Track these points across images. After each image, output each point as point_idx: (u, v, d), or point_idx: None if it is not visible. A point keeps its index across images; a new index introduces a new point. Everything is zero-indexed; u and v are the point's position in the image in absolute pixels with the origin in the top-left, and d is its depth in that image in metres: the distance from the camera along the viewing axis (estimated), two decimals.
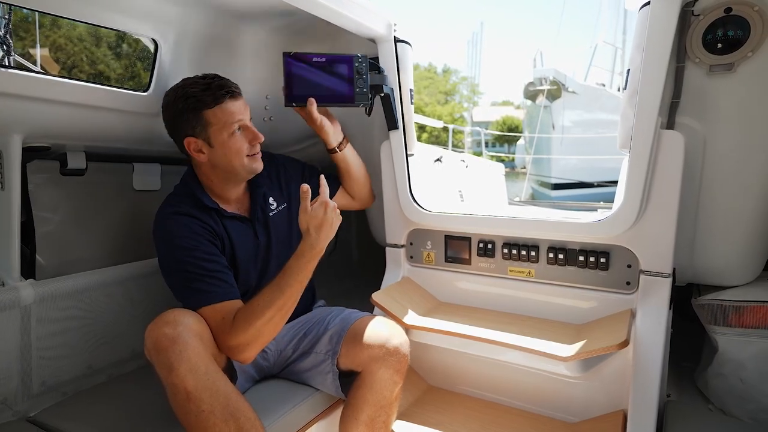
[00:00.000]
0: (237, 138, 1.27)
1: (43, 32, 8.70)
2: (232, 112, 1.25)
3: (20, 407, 1.34)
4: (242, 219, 1.38)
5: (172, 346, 1.04)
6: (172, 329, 1.05)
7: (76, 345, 1.46)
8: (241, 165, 1.30)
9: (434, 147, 2.92)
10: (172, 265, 1.23)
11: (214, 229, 1.29)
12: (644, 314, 1.36)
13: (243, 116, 1.28)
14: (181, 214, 1.26)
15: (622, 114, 1.37)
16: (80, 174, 1.51)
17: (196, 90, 1.24)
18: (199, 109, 1.24)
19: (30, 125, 1.29)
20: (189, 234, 1.24)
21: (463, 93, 37.15)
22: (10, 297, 1.28)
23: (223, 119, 1.25)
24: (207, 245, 1.25)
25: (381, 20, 1.54)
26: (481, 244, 1.64)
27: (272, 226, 1.43)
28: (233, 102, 1.26)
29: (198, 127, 1.25)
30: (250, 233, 1.39)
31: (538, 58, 12.60)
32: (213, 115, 1.24)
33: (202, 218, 1.28)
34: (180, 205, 1.29)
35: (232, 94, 1.26)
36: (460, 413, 1.60)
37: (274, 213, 1.45)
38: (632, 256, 1.40)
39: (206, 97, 1.23)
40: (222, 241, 1.30)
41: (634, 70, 1.30)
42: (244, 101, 1.30)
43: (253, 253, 1.39)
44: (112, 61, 9.00)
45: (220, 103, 1.24)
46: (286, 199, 1.49)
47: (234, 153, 1.27)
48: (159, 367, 1.06)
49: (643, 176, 1.29)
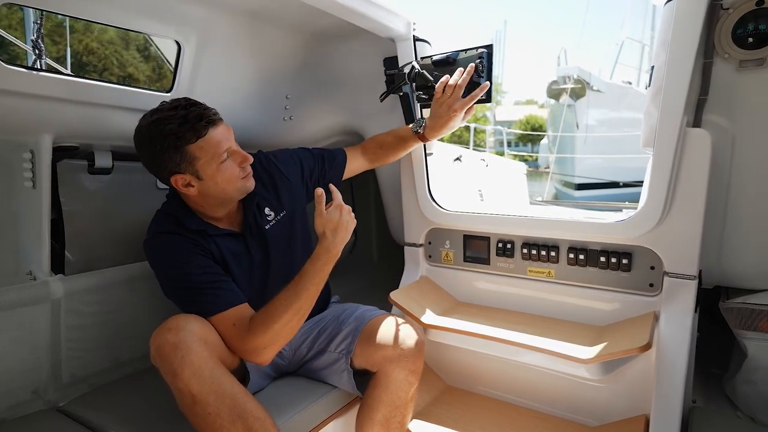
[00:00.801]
0: (227, 166, 1.19)
1: (76, 37, 9.03)
2: (218, 142, 1.16)
3: (51, 397, 1.39)
4: (234, 235, 1.31)
5: (175, 352, 1.04)
6: (173, 335, 1.06)
7: (103, 338, 1.51)
8: (235, 189, 1.23)
9: (454, 146, 2.90)
10: (170, 284, 1.21)
11: (203, 246, 1.23)
12: (668, 317, 1.32)
13: (229, 142, 1.20)
14: (166, 233, 1.23)
15: (646, 112, 1.34)
16: (107, 173, 1.56)
17: (173, 126, 1.12)
18: (181, 146, 1.13)
19: (60, 125, 1.34)
20: (178, 251, 1.20)
21: None
22: (41, 291, 1.33)
23: (210, 151, 1.15)
24: (199, 259, 1.20)
25: (400, 20, 1.54)
26: (501, 244, 1.63)
27: (270, 239, 1.36)
28: (215, 130, 1.16)
29: (183, 164, 1.15)
30: (242, 249, 1.32)
31: (562, 56, 12.38)
32: (198, 149, 1.14)
33: (190, 236, 1.23)
34: (164, 225, 1.24)
35: (212, 123, 1.16)
36: (478, 414, 1.58)
37: (271, 224, 1.37)
38: (656, 257, 1.36)
39: (186, 132, 1.12)
40: (214, 257, 1.25)
41: (659, 67, 1.27)
42: (224, 125, 1.20)
43: (248, 269, 1.33)
44: (141, 64, 9.27)
45: (203, 136, 1.14)
46: (285, 206, 1.41)
47: (226, 181, 1.20)
48: (164, 373, 1.06)
49: (668, 176, 1.26)
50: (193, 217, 1.26)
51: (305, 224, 1.46)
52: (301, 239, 1.45)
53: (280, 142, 1.97)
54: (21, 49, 2.46)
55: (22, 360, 1.33)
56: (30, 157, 1.33)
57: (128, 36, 8.86)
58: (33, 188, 1.34)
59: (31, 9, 1.35)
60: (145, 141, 1.16)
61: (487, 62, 1.41)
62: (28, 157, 1.33)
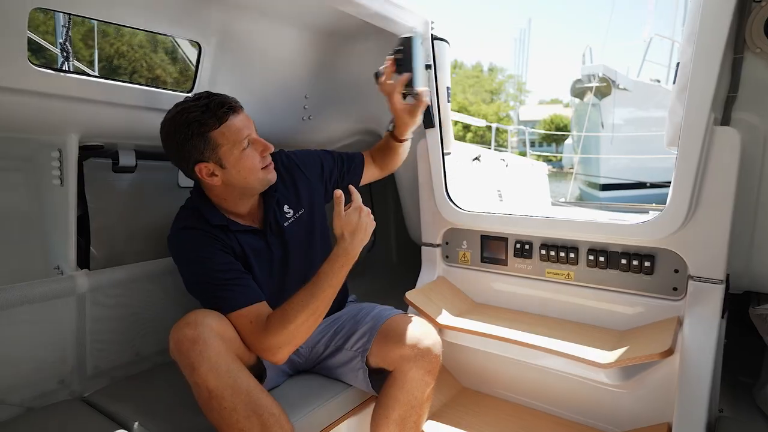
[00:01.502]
0: (248, 153, 1.21)
1: (108, 41, 9.35)
2: (239, 128, 1.19)
3: (76, 388, 1.44)
4: (255, 231, 1.33)
5: (193, 347, 1.06)
6: (192, 330, 1.08)
7: (125, 332, 1.55)
8: (257, 180, 1.25)
9: (473, 146, 2.87)
10: (191, 279, 1.24)
11: (224, 242, 1.25)
12: (693, 322, 1.28)
13: (250, 130, 1.23)
14: (189, 228, 1.25)
15: (671, 110, 1.30)
16: (130, 171, 1.60)
17: (196, 113, 1.16)
18: (205, 132, 1.16)
19: (86, 125, 1.38)
20: (200, 247, 1.22)
21: (510, 92, 36.40)
22: (68, 285, 1.38)
23: (232, 137, 1.18)
24: (220, 255, 1.22)
25: (418, 18, 1.54)
26: (518, 245, 1.60)
27: (288, 237, 1.38)
28: (236, 117, 1.20)
29: (207, 151, 1.18)
30: (263, 246, 1.34)
31: (587, 54, 12.11)
32: (221, 135, 1.17)
33: (212, 232, 1.25)
34: (188, 220, 1.27)
35: (233, 110, 1.20)
36: (493, 417, 1.56)
37: (290, 222, 1.39)
38: (680, 260, 1.32)
39: (209, 118, 1.16)
40: (235, 255, 1.27)
41: (685, 62, 1.23)
42: (245, 114, 1.24)
43: (268, 266, 1.35)
44: (168, 66, 9.52)
45: (225, 121, 1.17)
46: (304, 204, 1.42)
47: (248, 170, 1.22)
48: (182, 367, 1.09)
49: (693, 175, 1.21)
50: (216, 212, 1.28)
51: (324, 224, 1.48)
52: (320, 238, 1.46)
53: (300, 142, 1.98)
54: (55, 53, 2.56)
55: (49, 351, 1.38)
56: (58, 155, 1.38)
57: (156, 39, 9.12)
58: (60, 186, 1.39)
59: (61, 14, 1.40)
60: (171, 132, 1.19)
61: (406, 54, 1.38)
62: (56, 156, 1.38)
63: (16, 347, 1.31)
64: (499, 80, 37.20)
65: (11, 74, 1.12)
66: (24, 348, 1.32)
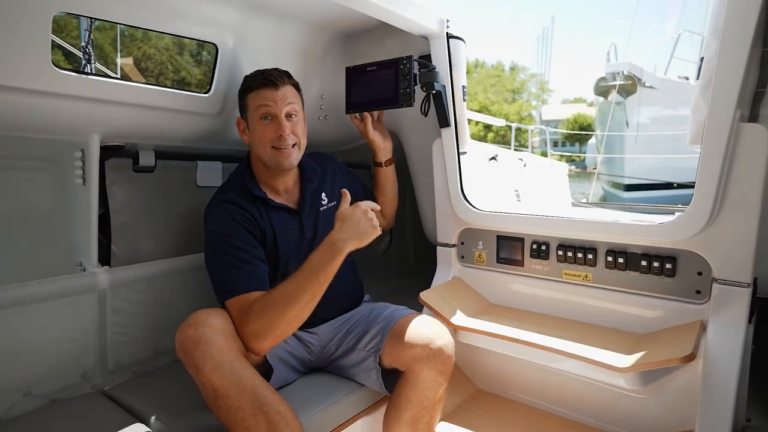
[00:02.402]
0: (263, 125, 1.33)
1: (135, 45, 9.63)
2: (264, 98, 1.32)
3: (97, 381, 1.48)
4: (290, 210, 1.42)
5: (196, 347, 1.08)
6: (194, 330, 1.10)
7: (145, 328, 1.59)
8: (265, 153, 1.35)
9: (491, 145, 2.83)
10: (210, 250, 1.31)
11: (256, 220, 1.34)
12: (717, 327, 1.23)
13: (274, 107, 1.32)
14: (226, 201, 1.34)
15: (694, 107, 1.25)
16: (150, 171, 1.64)
17: (252, 76, 1.36)
18: (244, 92, 1.36)
19: (107, 126, 1.42)
20: (230, 221, 1.30)
21: (532, 91, 35.90)
22: (89, 281, 1.42)
23: (255, 104, 1.33)
24: (245, 234, 1.30)
25: (433, 17, 1.53)
26: (535, 246, 1.57)
27: (321, 222, 1.46)
28: (270, 91, 1.32)
29: (243, 109, 1.38)
30: (295, 226, 1.42)
31: (612, 51, 11.84)
32: (251, 99, 1.34)
33: (247, 208, 1.33)
34: (228, 193, 1.36)
35: (272, 84, 1.32)
36: (508, 420, 1.54)
37: (325, 208, 1.48)
38: (703, 262, 1.27)
39: (252, 82, 1.34)
40: (263, 232, 1.35)
41: (709, 57, 1.18)
42: (285, 94, 1.34)
43: (296, 246, 1.41)
44: (193, 68, 9.71)
45: (258, 89, 1.32)
46: (336, 199, 1.51)
47: (258, 139, 1.34)
48: (188, 367, 1.11)
49: (717, 174, 1.17)
50: (257, 184, 1.39)
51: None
52: None
53: (316, 142, 1.99)
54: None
55: (72, 345, 1.42)
56: (81, 155, 1.42)
57: (182, 42, 9.32)
58: (83, 185, 1.43)
59: (83, 18, 1.44)
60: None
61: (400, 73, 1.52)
62: (79, 156, 1.42)
63: (41, 341, 1.35)
64: (521, 79, 36.79)
65: (35, 76, 1.16)
66: (49, 341, 1.37)
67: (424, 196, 2.05)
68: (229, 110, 1.63)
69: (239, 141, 1.81)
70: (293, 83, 1.40)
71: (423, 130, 1.83)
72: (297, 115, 1.38)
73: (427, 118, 1.76)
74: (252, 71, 1.39)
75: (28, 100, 1.21)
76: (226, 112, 1.64)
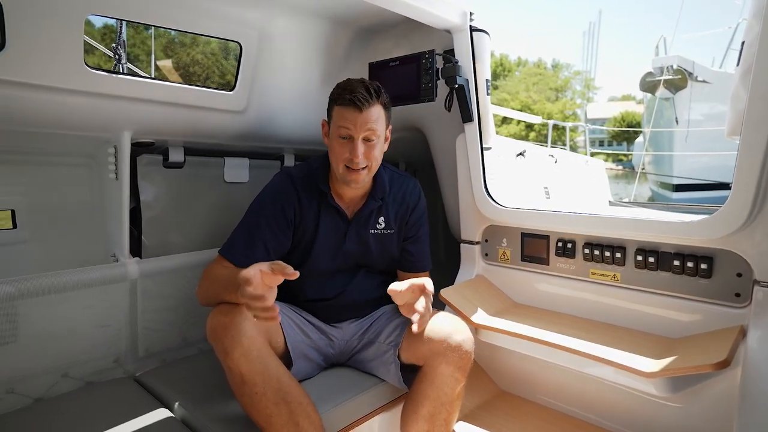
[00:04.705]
0: (340, 143, 1.32)
1: (185, 50, 10.08)
2: (346, 120, 1.29)
3: (129, 367, 1.55)
4: (342, 215, 1.42)
5: (226, 333, 1.11)
6: (226, 317, 1.13)
7: (173, 318, 1.65)
8: (338, 168, 1.35)
9: (520, 141, 2.75)
10: (248, 210, 1.38)
11: (303, 212, 1.38)
12: (759, 332, 1.14)
13: (353, 130, 1.29)
14: (290, 176, 1.40)
15: (733, 95, 1.17)
16: (179, 167, 1.70)
17: (343, 85, 1.33)
18: (332, 102, 1.35)
19: (138, 123, 1.49)
20: (277, 195, 1.37)
21: (576, 89, 34.72)
22: (121, 271, 1.49)
23: (337, 121, 1.32)
24: (279, 214, 1.35)
25: (455, 10, 1.50)
26: (560, 244, 1.52)
27: (367, 241, 1.45)
28: (353, 113, 1.28)
29: (328, 115, 1.38)
30: (340, 232, 1.43)
31: (660, 45, 11.24)
32: (335, 112, 1.33)
33: (301, 194, 1.38)
34: (298, 172, 1.42)
35: (354, 102, 1.28)
36: (530, 423, 1.49)
37: (376, 231, 1.46)
38: (743, 263, 1.18)
39: (340, 94, 1.31)
40: (305, 223, 1.39)
41: (751, 41, 1.10)
42: (367, 118, 1.29)
43: (333, 251, 1.43)
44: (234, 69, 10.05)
45: (343, 106, 1.30)
46: (394, 228, 1.48)
47: (334, 153, 1.34)
48: (217, 351, 1.14)
49: (758, 168, 1.08)
50: (327, 180, 1.41)
51: (383, 258, 1.51)
52: (377, 261, 1.50)
53: None
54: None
55: (106, 332, 1.50)
56: (113, 152, 1.49)
57: (228, 46, 9.64)
58: (116, 179, 1.50)
59: (114, 19, 1.51)
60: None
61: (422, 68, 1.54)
62: (112, 152, 1.49)
63: (79, 325, 1.43)
64: (564, 77, 35.65)
65: (69, 76, 1.23)
66: (85, 327, 1.45)
67: (448, 193, 2.02)
68: (253, 108, 1.67)
69: (264, 138, 1.85)
70: (382, 102, 1.34)
71: (447, 125, 1.80)
72: (376, 138, 1.34)
73: (451, 113, 1.73)
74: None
75: (62, 99, 1.28)
76: (251, 110, 1.67)
